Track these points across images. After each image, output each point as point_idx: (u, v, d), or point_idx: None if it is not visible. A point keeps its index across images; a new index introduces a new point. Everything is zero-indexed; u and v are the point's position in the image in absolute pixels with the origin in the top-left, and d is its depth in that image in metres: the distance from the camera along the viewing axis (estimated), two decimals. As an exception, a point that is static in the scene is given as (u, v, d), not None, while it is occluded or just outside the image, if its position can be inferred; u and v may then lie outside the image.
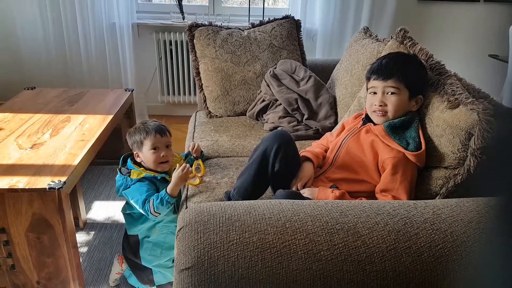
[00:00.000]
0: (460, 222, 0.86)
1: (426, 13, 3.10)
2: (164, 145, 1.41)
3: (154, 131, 1.39)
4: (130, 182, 1.38)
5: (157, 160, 1.40)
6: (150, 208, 1.32)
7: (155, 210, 1.32)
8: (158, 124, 1.43)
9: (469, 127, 1.04)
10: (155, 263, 1.46)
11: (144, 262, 1.46)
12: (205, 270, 0.77)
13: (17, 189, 1.27)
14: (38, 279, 1.42)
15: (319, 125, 1.85)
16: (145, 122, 1.44)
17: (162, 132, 1.40)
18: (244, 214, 0.85)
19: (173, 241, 1.43)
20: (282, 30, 2.12)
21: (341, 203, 0.91)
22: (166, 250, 1.45)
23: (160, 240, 1.45)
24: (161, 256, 1.45)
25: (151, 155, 1.39)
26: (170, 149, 1.44)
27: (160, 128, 1.41)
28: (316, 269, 0.78)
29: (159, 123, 1.44)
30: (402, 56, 1.31)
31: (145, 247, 1.45)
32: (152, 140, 1.39)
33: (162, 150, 1.40)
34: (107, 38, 2.88)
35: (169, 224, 1.44)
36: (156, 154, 1.39)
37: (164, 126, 1.44)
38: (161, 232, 1.44)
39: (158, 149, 1.40)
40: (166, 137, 1.42)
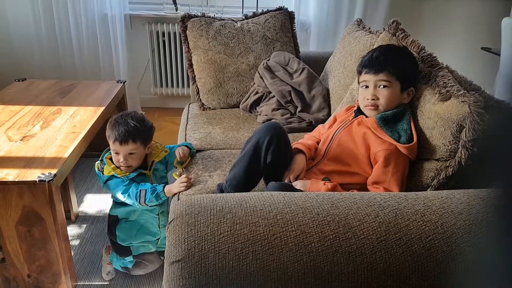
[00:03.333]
0: (450, 214, 0.86)
1: (420, 6, 3.10)
2: (126, 152, 1.37)
3: (114, 137, 1.35)
4: (103, 177, 1.43)
5: (117, 163, 1.41)
6: (141, 198, 1.37)
7: (145, 202, 1.38)
8: (127, 128, 1.35)
9: (460, 119, 1.04)
10: (127, 242, 1.50)
11: (118, 240, 1.50)
12: (195, 262, 0.77)
13: (7, 182, 1.26)
14: (29, 272, 1.41)
15: (312, 117, 1.85)
16: (121, 118, 1.38)
17: (123, 141, 1.35)
18: (235, 206, 0.85)
19: (149, 228, 1.51)
20: (275, 22, 2.11)
21: (332, 195, 0.91)
22: (141, 233, 1.50)
23: (137, 223, 1.50)
24: (136, 237, 1.50)
25: (113, 156, 1.41)
26: (135, 156, 1.39)
27: (123, 136, 1.35)
28: (307, 261, 0.78)
29: (131, 126, 1.36)
30: (392, 48, 1.30)
31: (122, 226, 1.50)
32: (112, 145, 1.38)
33: (122, 156, 1.38)
34: (99, 29, 2.84)
35: (149, 213, 1.49)
36: (116, 158, 1.40)
37: (129, 134, 1.35)
38: (141, 217, 1.49)
39: (119, 154, 1.38)
40: (127, 146, 1.36)
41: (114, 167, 1.41)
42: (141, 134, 1.38)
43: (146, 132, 1.40)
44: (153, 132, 1.45)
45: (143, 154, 1.44)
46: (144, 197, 1.38)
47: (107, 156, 1.44)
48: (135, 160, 1.40)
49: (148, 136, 1.42)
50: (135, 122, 1.37)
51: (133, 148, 1.37)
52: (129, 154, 1.38)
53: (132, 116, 1.40)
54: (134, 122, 1.37)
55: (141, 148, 1.40)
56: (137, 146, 1.38)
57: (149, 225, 1.51)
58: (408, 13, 3.07)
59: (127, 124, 1.36)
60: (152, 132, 1.45)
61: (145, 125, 1.40)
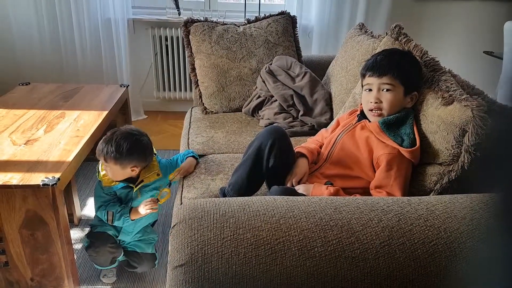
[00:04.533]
0: (453, 218, 0.86)
1: (422, 10, 3.10)
2: (105, 164, 1.41)
3: (99, 154, 1.39)
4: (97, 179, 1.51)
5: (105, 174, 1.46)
6: (108, 216, 1.46)
7: (111, 223, 1.47)
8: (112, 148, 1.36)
9: (463, 123, 1.04)
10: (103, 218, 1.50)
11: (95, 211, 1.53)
12: (199, 267, 0.77)
13: (11, 186, 1.26)
14: (32, 276, 1.41)
15: (314, 121, 1.85)
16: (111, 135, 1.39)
17: (106, 159, 1.38)
18: (238, 210, 0.85)
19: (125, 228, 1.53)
20: (277, 26, 2.11)
21: (336, 199, 0.91)
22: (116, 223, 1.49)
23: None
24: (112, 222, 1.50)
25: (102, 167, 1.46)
26: (113, 172, 1.42)
27: (106, 153, 1.37)
28: (310, 266, 0.78)
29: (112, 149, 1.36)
30: (396, 52, 1.31)
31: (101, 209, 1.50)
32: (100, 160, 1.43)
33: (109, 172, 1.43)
34: (102, 34, 2.86)
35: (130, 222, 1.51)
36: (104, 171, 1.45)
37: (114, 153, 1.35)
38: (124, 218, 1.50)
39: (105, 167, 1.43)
40: (106, 161, 1.39)
41: (104, 175, 1.46)
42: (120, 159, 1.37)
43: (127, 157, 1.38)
44: (142, 156, 1.42)
45: (126, 174, 1.44)
46: (111, 218, 1.46)
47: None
48: (111, 175, 1.43)
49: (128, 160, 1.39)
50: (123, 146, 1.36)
51: (111, 166, 1.40)
52: (108, 169, 1.42)
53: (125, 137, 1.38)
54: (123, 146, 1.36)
55: (119, 169, 1.40)
56: (116, 167, 1.40)
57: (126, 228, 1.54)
58: (410, 17, 3.08)
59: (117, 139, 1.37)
60: (141, 156, 1.42)
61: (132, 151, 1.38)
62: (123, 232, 1.53)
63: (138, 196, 1.48)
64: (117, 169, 1.40)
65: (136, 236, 1.56)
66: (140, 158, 1.42)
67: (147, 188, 1.50)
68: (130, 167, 1.41)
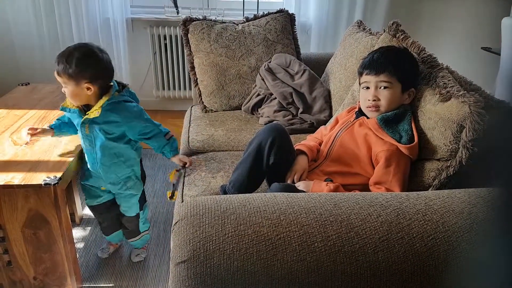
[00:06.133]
0: (451, 213, 0.87)
1: (420, 6, 3.11)
2: (62, 83, 1.32)
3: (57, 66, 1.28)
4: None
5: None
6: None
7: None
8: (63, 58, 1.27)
9: (461, 119, 1.05)
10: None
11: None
12: (201, 263, 0.78)
13: (13, 185, 1.27)
14: (34, 274, 1.43)
15: (313, 118, 1.86)
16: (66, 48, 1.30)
17: (59, 74, 1.29)
18: (239, 207, 0.86)
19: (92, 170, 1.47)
20: (276, 24, 2.12)
21: (335, 195, 0.93)
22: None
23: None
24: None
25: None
26: (67, 90, 1.32)
27: (58, 64, 1.27)
28: (310, 261, 0.79)
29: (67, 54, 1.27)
30: (393, 50, 1.32)
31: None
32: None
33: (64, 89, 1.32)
34: (101, 33, 2.87)
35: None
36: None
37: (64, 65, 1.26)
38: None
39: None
40: (60, 77, 1.29)
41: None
42: (72, 71, 1.27)
43: (79, 68, 1.27)
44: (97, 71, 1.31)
45: (81, 93, 1.32)
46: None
47: None
48: (70, 96, 1.33)
49: (81, 73, 1.28)
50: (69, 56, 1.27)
51: (65, 81, 1.30)
52: (64, 87, 1.32)
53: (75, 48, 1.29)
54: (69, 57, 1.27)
55: (74, 87, 1.30)
56: (70, 84, 1.29)
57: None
58: (408, 14, 3.09)
59: (63, 55, 1.28)
60: (97, 71, 1.31)
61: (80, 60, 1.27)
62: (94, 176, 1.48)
63: (86, 131, 1.38)
64: (72, 87, 1.30)
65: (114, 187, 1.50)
66: (94, 72, 1.30)
67: (96, 127, 1.36)
68: (85, 83, 1.29)
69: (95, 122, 1.35)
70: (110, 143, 1.40)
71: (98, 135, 1.38)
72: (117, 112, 1.36)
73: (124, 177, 1.49)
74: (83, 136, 1.41)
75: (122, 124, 1.38)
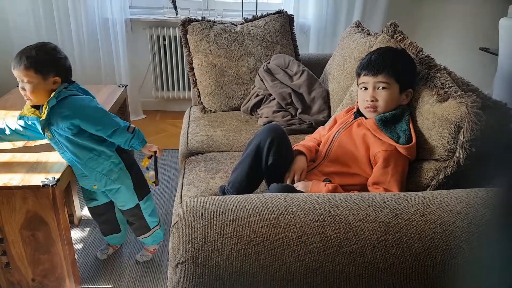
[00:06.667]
0: (449, 213, 0.87)
1: (419, 6, 3.12)
2: (20, 78, 1.28)
3: (16, 70, 1.26)
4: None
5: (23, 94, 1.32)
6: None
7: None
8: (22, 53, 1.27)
9: (458, 120, 1.05)
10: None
11: None
12: (199, 264, 0.78)
13: (11, 187, 1.27)
14: (33, 276, 1.43)
15: (312, 119, 1.87)
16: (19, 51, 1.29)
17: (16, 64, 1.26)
18: (238, 208, 0.86)
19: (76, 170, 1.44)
20: (275, 25, 2.12)
21: (333, 195, 0.93)
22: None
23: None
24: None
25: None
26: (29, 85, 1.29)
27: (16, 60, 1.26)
28: (309, 261, 0.79)
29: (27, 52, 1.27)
30: (391, 50, 1.32)
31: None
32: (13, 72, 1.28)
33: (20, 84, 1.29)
34: (100, 34, 2.87)
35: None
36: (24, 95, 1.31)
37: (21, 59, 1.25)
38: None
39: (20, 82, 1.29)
40: (19, 70, 1.27)
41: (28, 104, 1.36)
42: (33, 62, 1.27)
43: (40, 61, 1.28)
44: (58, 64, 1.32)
45: (44, 89, 1.31)
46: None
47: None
48: (31, 91, 1.29)
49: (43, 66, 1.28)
50: (35, 50, 1.28)
51: (25, 74, 1.27)
52: (26, 82, 1.28)
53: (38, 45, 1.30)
54: (34, 50, 1.28)
55: (36, 78, 1.28)
56: (29, 73, 1.27)
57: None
58: (406, 15, 3.09)
59: (25, 49, 1.28)
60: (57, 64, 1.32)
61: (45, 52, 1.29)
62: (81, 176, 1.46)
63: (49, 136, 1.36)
64: (39, 81, 1.28)
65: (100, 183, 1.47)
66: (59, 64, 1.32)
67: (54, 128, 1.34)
68: (52, 76, 1.30)
69: (50, 124, 1.33)
70: (75, 139, 1.36)
71: (61, 135, 1.35)
72: (66, 106, 1.32)
73: (106, 170, 1.44)
74: (51, 143, 1.40)
75: (73, 117, 1.32)
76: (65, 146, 1.38)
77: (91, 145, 1.39)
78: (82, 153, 1.39)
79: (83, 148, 1.38)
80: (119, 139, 1.40)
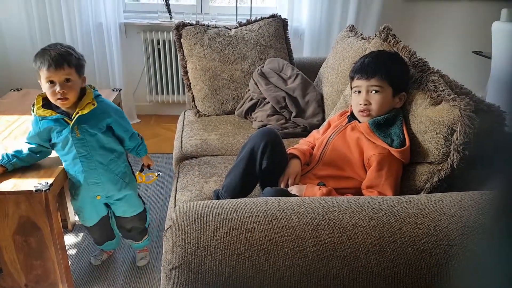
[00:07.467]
0: (443, 216, 0.87)
1: (412, 10, 3.14)
2: (62, 79, 1.25)
3: (48, 63, 1.22)
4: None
5: (53, 96, 1.27)
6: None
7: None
8: (59, 52, 1.25)
9: (451, 123, 1.06)
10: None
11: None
12: (192, 269, 0.78)
13: (3, 192, 1.26)
14: (26, 282, 1.41)
15: (306, 122, 1.87)
16: (49, 46, 1.28)
17: (58, 65, 1.23)
18: (231, 212, 0.86)
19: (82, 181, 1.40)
20: (269, 29, 2.13)
21: (327, 199, 0.93)
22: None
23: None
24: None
25: (47, 89, 1.27)
26: (71, 84, 1.27)
27: (57, 59, 1.23)
28: (303, 265, 0.79)
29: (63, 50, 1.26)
30: (384, 54, 1.32)
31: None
32: (46, 73, 1.24)
33: (58, 84, 1.25)
34: (94, 38, 2.86)
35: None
36: (51, 90, 1.26)
37: (63, 57, 1.24)
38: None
39: (54, 83, 1.25)
40: (63, 70, 1.24)
41: (40, 106, 1.31)
42: (75, 59, 1.28)
43: (79, 58, 1.30)
44: (84, 63, 1.34)
45: (78, 86, 1.31)
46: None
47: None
48: (71, 89, 1.27)
49: (81, 63, 1.31)
50: (65, 47, 1.28)
51: (69, 73, 1.25)
52: (66, 81, 1.26)
53: (61, 44, 1.30)
54: (65, 47, 1.28)
55: (76, 76, 1.28)
56: (72, 71, 1.26)
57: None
58: (400, 18, 3.11)
59: (58, 49, 1.26)
60: (83, 62, 1.33)
61: (76, 52, 1.31)
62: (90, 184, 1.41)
63: (77, 134, 1.32)
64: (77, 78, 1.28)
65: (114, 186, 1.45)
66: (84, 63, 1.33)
67: (86, 126, 1.32)
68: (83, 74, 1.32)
69: (84, 121, 1.31)
70: (105, 138, 1.38)
71: (91, 133, 1.34)
72: (104, 106, 1.37)
73: (121, 173, 1.46)
74: (74, 143, 1.33)
75: (110, 116, 1.36)
76: (93, 146, 1.36)
77: (113, 145, 1.43)
78: (106, 153, 1.40)
79: (109, 148, 1.41)
80: (132, 143, 1.48)
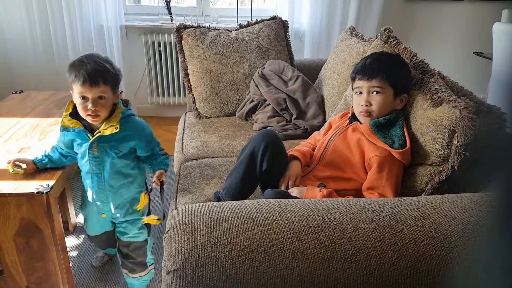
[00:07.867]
0: (444, 218, 0.87)
1: (413, 11, 3.14)
2: (95, 96, 1.19)
3: (83, 78, 1.16)
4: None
5: (84, 111, 1.22)
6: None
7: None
8: (96, 67, 1.19)
9: (452, 124, 1.06)
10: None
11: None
12: (193, 271, 0.78)
13: (5, 194, 1.26)
14: (27, 284, 1.41)
15: (307, 124, 1.87)
16: (86, 57, 1.22)
17: (93, 81, 1.17)
18: (232, 214, 0.86)
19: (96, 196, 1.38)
20: (269, 31, 2.13)
21: (328, 201, 0.93)
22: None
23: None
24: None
25: (79, 104, 1.22)
26: (104, 102, 1.22)
27: (93, 75, 1.17)
28: (303, 268, 0.79)
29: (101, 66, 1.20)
30: (385, 55, 1.32)
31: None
32: (79, 88, 1.19)
33: (91, 101, 1.19)
34: (95, 41, 2.87)
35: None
36: (83, 105, 1.21)
37: (99, 73, 1.18)
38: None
39: (86, 99, 1.20)
40: (98, 87, 1.18)
41: (67, 115, 1.26)
42: (111, 76, 1.22)
43: (115, 75, 1.24)
44: (121, 78, 1.28)
45: (111, 103, 1.25)
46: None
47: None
48: (104, 107, 1.22)
49: (117, 80, 1.25)
50: (103, 62, 1.22)
51: (103, 90, 1.20)
52: (99, 98, 1.20)
53: (99, 57, 1.23)
54: (103, 62, 1.21)
55: (111, 93, 1.23)
56: (107, 89, 1.21)
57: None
58: (400, 20, 3.11)
59: (96, 63, 1.20)
60: (120, 78, 1.27)
61: (113, 66, 1.25)
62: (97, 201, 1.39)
63: (95, 152, 1.28)
64: (110, 96, 1.23)
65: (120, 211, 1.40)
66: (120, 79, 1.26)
67: (106, 146, 1.28)
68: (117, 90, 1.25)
69: (105, 141, 1.27)
70: (120, 161, 1.32)
71: (108, 154, 1.29)
72: (131, 127, 1.29)
73: (131, 198, 1.40)
74: (90, 159, 1.29)
75: (133, 137, 1.30)
76: (106, 167, 1.31)
77: (130, 170, 1.36)
78: (119, 177, 1.34)
79: (123, 172, 1.34)
80: (156, 161, 1.39)
